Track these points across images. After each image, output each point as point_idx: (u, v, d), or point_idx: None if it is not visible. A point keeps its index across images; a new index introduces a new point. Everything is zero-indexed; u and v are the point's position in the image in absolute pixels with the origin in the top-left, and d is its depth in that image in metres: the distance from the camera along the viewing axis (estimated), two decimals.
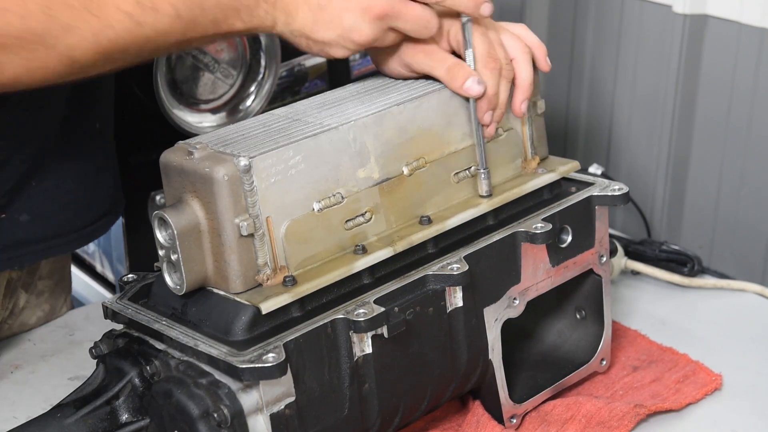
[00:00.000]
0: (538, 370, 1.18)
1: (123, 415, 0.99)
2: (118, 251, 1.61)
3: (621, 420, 1.12)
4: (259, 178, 0.95)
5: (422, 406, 1.06)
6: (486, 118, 1.08)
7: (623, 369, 1.23)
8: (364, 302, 0.97)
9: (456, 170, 1.09)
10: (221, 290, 0.97)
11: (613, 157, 1.69)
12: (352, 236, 1.02)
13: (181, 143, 0.98)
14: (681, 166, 1.59)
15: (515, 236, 1.08)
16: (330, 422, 0.97)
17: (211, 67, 1.46)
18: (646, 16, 1.58)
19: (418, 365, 1.02)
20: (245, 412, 0.92)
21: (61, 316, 1.36)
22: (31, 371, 1.24)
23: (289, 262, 0.98)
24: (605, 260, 1.17)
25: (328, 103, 1.06)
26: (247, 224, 0.94)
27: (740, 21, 1.46)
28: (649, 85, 1.60)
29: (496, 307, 1.08)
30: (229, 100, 1.49)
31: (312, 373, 0.95)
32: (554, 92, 1.75)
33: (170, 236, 0.95)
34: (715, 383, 1.20)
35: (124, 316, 1.01)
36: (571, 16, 1.70)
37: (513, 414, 1.12)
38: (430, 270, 1.02)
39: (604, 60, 1.66)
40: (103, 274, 1.71)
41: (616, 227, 1.67)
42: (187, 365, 0.94)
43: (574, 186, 1.17)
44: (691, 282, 1.41)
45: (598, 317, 1.19)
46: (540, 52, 1.13)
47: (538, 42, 1.13)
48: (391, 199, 1.04)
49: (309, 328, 0.95)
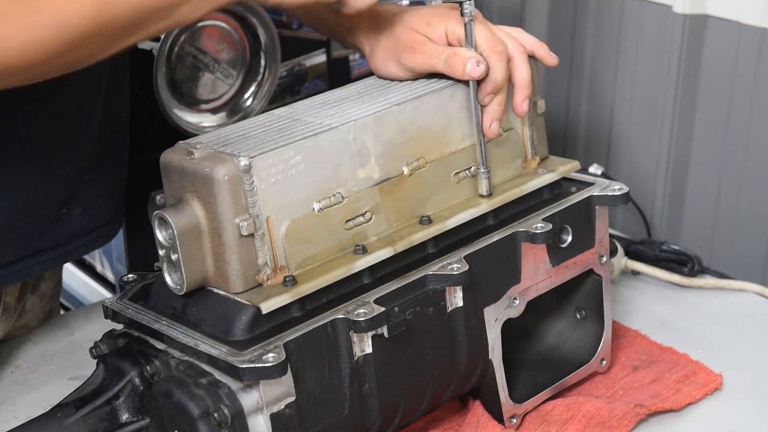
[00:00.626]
0: (538, 370, 1.18)
1: (123, 415, 0.99)
2: (118, 251, 1.61)
3: (621, 420, 1.12)
4: (259, 178, 0.95)
5: (422, 406, 1.06)
6: (487, 99, 1.08)
7: (623, 369, 1.23)
8: (364, 302, 0.97)
9: (456, 170, 1.09)
10: (221, 290, 0.97)
11: (613, 157, 1.69)
12: (352, 236, 1.02)
13: (181, 143, 0.98)
14: (681, 166, 1.59)
15: (515, 236, 1.08)
16: (330, 422, 0.97)
17: (211, 67, 1.46)
18: (646, 16, 1.58)
19: (418, 365, 1.02)
20: (245, 412, 0.92)
21: (61, 317, 1.36)
22: (31, 371, 1.24)
23: (289, 262, 0.98)
24: (605, 260, 1.17)
25: (328, 103, 1.07)
26: (247, 224, 0.94)
27: (740, 21, 1.46)
28: (649, 85, 1.60)
29: (496, 307, 1.08)
30: (229, 100, 1.49)
31: (312, 373, 0.95)
32: (554, 92, 1.75)
33: (170, 236, 0.95)
34: (715, 383, 1.20)
35: (124, 316, 1.01)
36: (571, 16, 1.70)
37: (513, 414, 1.12)
38: (430, 270, 1.02)
39: (604, 60, 1.66)
40: (103, 274, 1.72)
41: (616, 227, 1.67)
42: (187, 365, 0.94)
43: (574, 186, 1.17)
44: (691, 282, 1.41)
45: (598, 317, 1.19)
46: (541, 49, 1.13)
47: (536, 41, 1.13)
48: (391, 199, 1.04)
49: (309, 328, 0.95)
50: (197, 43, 1.43)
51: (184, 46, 1.42)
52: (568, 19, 1.71)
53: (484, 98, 1.08)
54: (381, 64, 1.11)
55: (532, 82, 1.11)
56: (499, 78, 1.07)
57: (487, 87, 1.07)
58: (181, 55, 1.43)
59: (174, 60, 1.42)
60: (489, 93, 1.08)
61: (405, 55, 1.09)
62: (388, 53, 1.10)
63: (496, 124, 1.09)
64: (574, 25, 1.70)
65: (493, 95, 1.08)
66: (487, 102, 1.08)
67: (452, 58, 1.06)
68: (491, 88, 1.07)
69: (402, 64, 1.09)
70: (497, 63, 1.07)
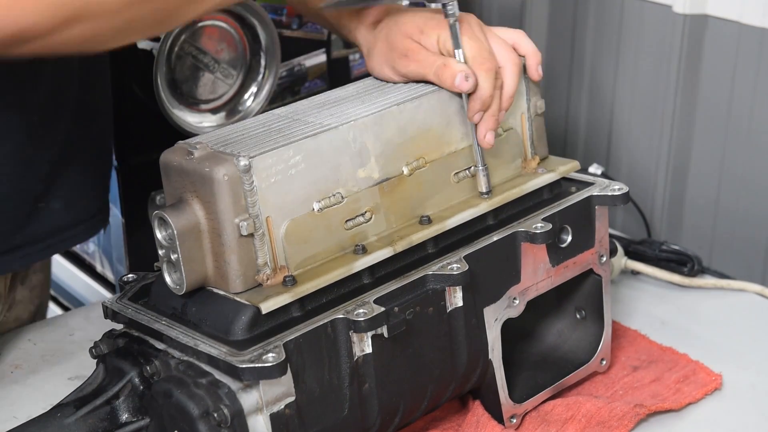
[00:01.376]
0: (538, 370, 1.18)
1: (123, 415, 0.99)
2: (118, 251, 1.61)
3: (621, 420, 1.12)
4: (259, 178, 0.95)
5: (422, 406, 1.06)
6: (476, 118, 1.07)
7: (623, 369, 1.23)
8: (364, 302, 0.97)
9: (456, 170, 1.09)
10: (221, 290, 0.97)
11: (613, 157, 1.69)
12: (352, 236, 1.02)
13: (181, 143, 0.98)
14: (681, 166, 1.59)
15: (515, 236, 1.08)
16: (330, 422, 0.97)
17: (211, 67, 1.46)
18: (646, 16, 1.58)
19: (418, 365, 1.02)
20: (245, 412, 0.92)
21: (61, 317, 1.36)
22: (31, 371, 1.24)
23: (289, 262, 0.98)
24: (605, 260, 1.17)
25: (328, 103, 1.07)
26: (247, 224, 0.94)
27: (740, 21, 1.46)
28: (649, 85, 1.60)
29: (496, 307, 1.08)
30: (229, 100, 1.49)
31: (312, 372, 0.95)
32: (554, 92, 1.75)
33: (170, 236, 0.95)
34: (715, 383, 1.20)
35: (124, 316, 1.01)
36: (571, 16, 1.70)
37: (513, 414, 1.12)
38: (430, 270, 1.02)
39: (604, 60, 1.66)
40: (103, 274, 1.71)
41: (616, 227, 1.67)
42: (187, 365, 0.94)
43: (574, 186, 1.17)
44: (691, 282, 1.41)
45: (598, 317, 1.19)
46: (534, 60, 1.12)
47: (533, 50, 1.12)
48: (391, 199, 1.04)
49: (309, 327, 0.95)
50: (197, 43, 1.43)
51: (184, 46, 1.42)
52: (568, 19, 1.71)
53: (474, 116, 1.07)
54: (377, 68, 1.11)
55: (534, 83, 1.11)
56: (486, 95, 1.06)
57: (474, 105, 1.06)
58: (181, 55, 1.43)
59: (174, 60, 1.42)
60: (477, 111, 1.06)
61: (399, 61, 1.09)
62: (383, 57, 1.10)
63: (491, 134, 1.08)
64: (574, 25, 1.70)
65: (482, 112, 1.07)
66: (477, 120, 1.07)
67: (442, 69, 1.06)
68: (479, 105, 1.06)
69: (396, 70, 1.09)
70: (485, 80, 1.06)
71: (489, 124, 1.07)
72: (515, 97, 1.12)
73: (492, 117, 1.07)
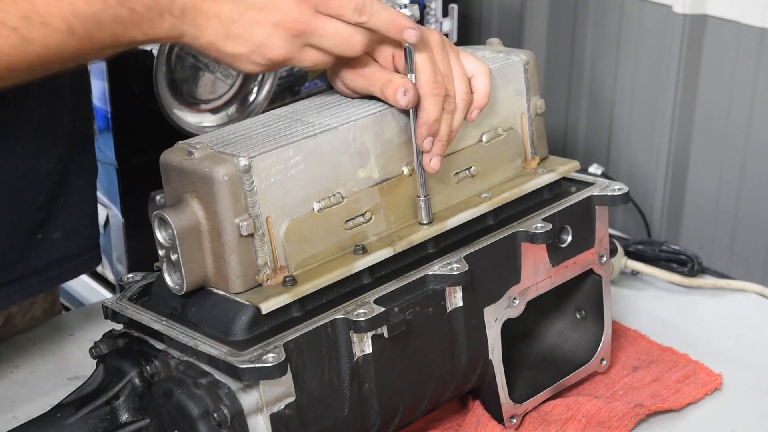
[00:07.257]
0: (538, 370, 1.19)
1: (123, 415, 0.99)
2: (118, 251, 1.62)
3: (621, 420, 1.12)
4: (259, 178, 0.95)
5: (422, 406, 1.06)
6: (426, 145, 1.01)
7: (623, 369, 1.23)
8: (364, 302, 0.97)
9: (456, 170, 1.09)
10: (221, 290, 0.97)
11: (613, 157, 1.69)
12: (352, 236, 1.02)
13: (181, 143, 0.98)
14: (681, 166, 1.59)
15: (515, 236, 1.08)
16: (330, 422, 0.97)
17: (211, 67, 1.46)
18: (646, 16, 1.59)
19: (418, 365, 1.02)
20: (245, 412, 0.92)
21: (61, 317, 1.36)
22: (31, 371, 1.24)
23: (289, 262, 0.98)
24: (605, 260, 1.17)
25: (328, 103, 1.06)
26: (247, 224, 0.94)
27: (740, 21, 1.46)
28: (649, 85, 1.60)
29: (496, 307, 1.08)
30: (229, 100, 1.49)
31: (312, 373, 0.95)
32: (554, 92, 1.75)
33: (170, 236, 0.95)
34: (715, 383, 1.20)
35: (124, 316, 1.01)
36: (571, 16, 1.70)
37: (513, 414, 1.12)
38: (430, 270, 1.02)
39: (604, 60, 1.67)
40: (103, 274, 1.72)
41: (616, 227, 1.67)
42: (187, 365, 0.94)
43: (574, 186, 1.17)
44: (691, 282, 1.41)
45: (598, 317, 1.19)
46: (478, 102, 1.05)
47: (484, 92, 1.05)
48: (391, 199, 1.04)
49: (309, 328, 0.95)
50: None
51: (184, 46, 1.42)
52: (568, 19, 1.71)
53: (422, 143, 1.01)
54: (331, 80, 1.07)
55: (534, 83, 1.11)
56: (431, 119, 1.00)
57: (421, 130, 1.01)
58: (181, 55, 1.43)
59: (174, 60, 1.42)
60: (425, 136, 1.01)
61: (347, 75, 1.03)
62: (334, 69, 1.05)
63: (437, 160, 1.03)
64: (574, 26, 1.70)
65: (431, 138, 1.01)
66: (427, 146, 1.01)
67: (387, 86, 1.01)
68: (425, 130, 1.00)
69: (346, 84, 1.05)
70: (432, 105, 1.00)
71: (436, 150, 1.02)
72: (515, 97, 1.13)
73: (440, 143, 1.02)
